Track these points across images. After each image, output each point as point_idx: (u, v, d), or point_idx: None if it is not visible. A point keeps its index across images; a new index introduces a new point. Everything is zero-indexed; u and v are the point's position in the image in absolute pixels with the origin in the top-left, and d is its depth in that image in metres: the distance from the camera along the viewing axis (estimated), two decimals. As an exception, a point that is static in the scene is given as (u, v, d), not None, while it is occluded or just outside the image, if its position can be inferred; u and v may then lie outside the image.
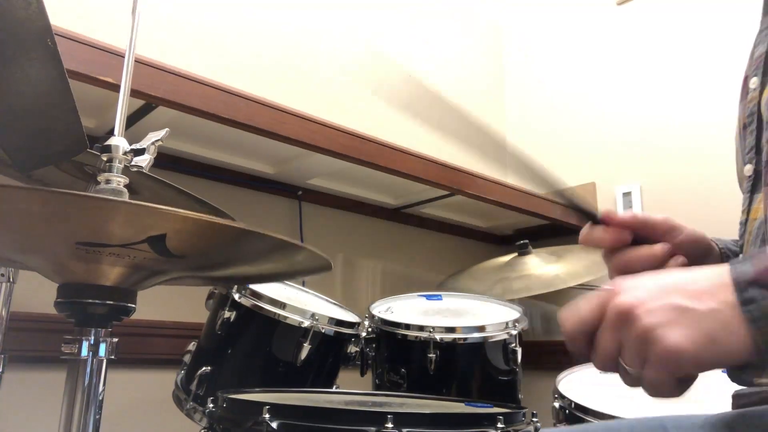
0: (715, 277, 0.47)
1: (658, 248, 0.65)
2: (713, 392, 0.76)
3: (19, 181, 0.81)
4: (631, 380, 0.48)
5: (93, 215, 0.55)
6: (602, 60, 2.32)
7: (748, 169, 0.67)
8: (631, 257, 0.66)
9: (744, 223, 0.68)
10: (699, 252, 0.71)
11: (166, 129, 0.72)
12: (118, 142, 0.69)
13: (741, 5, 1.92)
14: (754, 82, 0.67)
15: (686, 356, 0.44)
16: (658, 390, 0.47)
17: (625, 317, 0.47)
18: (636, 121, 2.16)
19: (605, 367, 0.50)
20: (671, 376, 0.46)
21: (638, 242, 0.67)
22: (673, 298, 0.46)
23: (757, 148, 0.65)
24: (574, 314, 0.51)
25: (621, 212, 0.70)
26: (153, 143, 0.71)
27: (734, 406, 0.66)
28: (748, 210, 0.67)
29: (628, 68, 2.22)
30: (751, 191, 0.67)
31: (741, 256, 0.68)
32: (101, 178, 0.68)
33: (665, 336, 0.44)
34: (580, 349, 0.51)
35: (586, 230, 0.68)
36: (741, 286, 0.45)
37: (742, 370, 0.52)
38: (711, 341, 0.44)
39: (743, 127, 0.69)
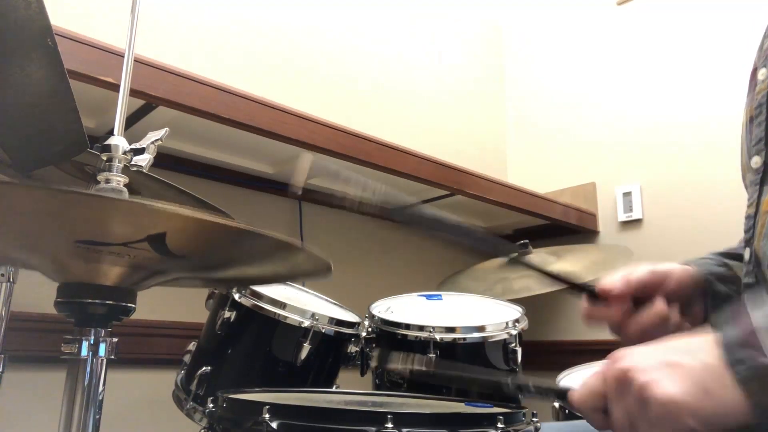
0: (705, 338, 0.48)
1: (660, 307, 0.68)
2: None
3: (19, 180, 0.81)
4: None
5: (93, 213, 0.55)
6: (602, 60, 2.32)
7: (756, 161, 0.66)
8: (644, 326, 0.68)
9: (753, 216, 0.67)
10: (688, 291, 0.74)
11: (166, 128, 0.72)
12: (118, 141, 0.69)
13: (741, 5, 1.92)
14: (762, 73, 0.67)
15: (681, 407, 0.44)
16: None
17: (623, 382, 0.48)
18: (636, 121, 2.16)
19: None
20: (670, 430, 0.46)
21: (636, 302, 0.70)
22: (664, 356, 0.48)
23: (766, 139, 0.64)
24: (582, 392, 0.53)
25: (611, 281, 0.72)
26: (153, 143, 0.71)
27: None
28: (757, 203, 0.66)
29: (628, 68, 2.22)
30: (760, 183, 0.66)
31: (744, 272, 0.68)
32: (101, 177, 0.68)
33: (657, 390, 0.45)
34: (600, 424, 0.52)
35: (587, 308, 0.71)
36: (730, 348, 0.46)
37: None
38: (704, 392, 0.45)
39: (750, 120, 0.68)
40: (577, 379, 1.22)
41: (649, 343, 0.51)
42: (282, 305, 1.08)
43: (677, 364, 0.46)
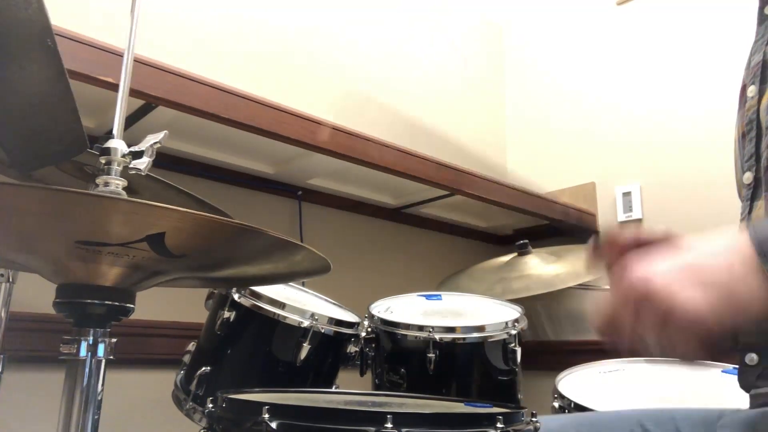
0: (729, 237, 0.47)
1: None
2: (722, 398, 0.76)
3: (19, 180, 0.81)
4: (658, 349, 0.48)
5: (91, 213, 0.55)
6: (602, 60, 2.32)
7: (748, 176, 0.67)
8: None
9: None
10: None
11: (165, 131, 0.72)
12: (117, 144, 0.69)
13: (740, 5, 1.92)
14: (752, 90, 0.67)
15: (708, 316, 0.44)
16: (678, 351, 0.46)
17: (643, 289, 0.47)
18: (636, 120, 2.16)
19: (633, 345, 0.49)
20: (695, 338, 0.45)
21: None
22: (686, 258, 0.46)
23: (757, 155, 0.65)
24: (601, 312, 0.51)
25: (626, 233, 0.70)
26: (152, 146, 0.71)
27: (752, 405, 0.66)
28: (748, 218, 0.67)
29: (628, 68, 2.22)
30: (750, 199, 0.67)
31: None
32: (100, 180, 0.68)
33: (683, 302, 0.44)
34: (612, 338, 0.51)
35: (590, 251, 0.69)
36: (760, 241, 0.45)
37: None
38: (729, 295, 0.44)
39: (742, 136, 0.69)
40: (577, 379, 1.22)
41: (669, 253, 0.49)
42: (281, 305, 1.08)
43: (701, 267, 0.45)
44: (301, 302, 1.15)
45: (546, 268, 1.65)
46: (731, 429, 0.60)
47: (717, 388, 1.07)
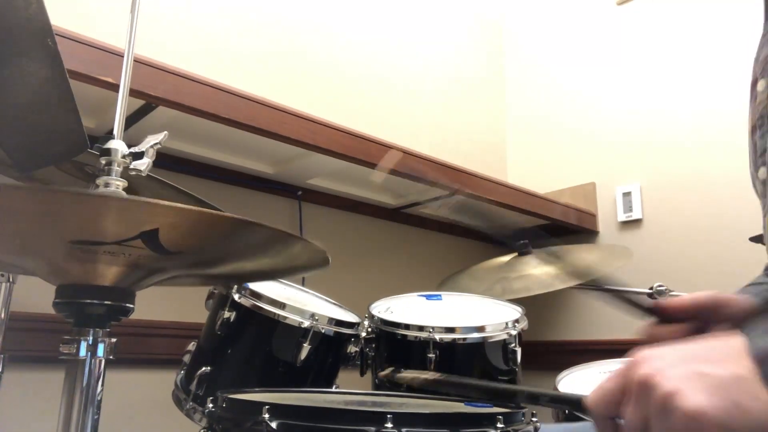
0: (734, 344, 0.46)
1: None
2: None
3: (13, 180, 0.81)
4: None
5: (84, 212, 0.55)
6: (602, 60, 2.32)
7: (763, 172, 0.66)
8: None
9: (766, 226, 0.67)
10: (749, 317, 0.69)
11: (165, 132, 0.72)
12: (117, 145, 0.69)
13: (740, 5, 1.92)
14: (761, 84, 0.67)
15: (710, 420, 0.42)
16: None
17: (645, 386, 0.45)
18: (636, 121, 2.16)
19: None
20: None
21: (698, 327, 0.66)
22: (693, 365, 0.45)
23: None
24: (598, 394, 0.50)
25: (672, 300, 0.68)
26: (152, 146, 0.71)
27: None
28: None
29: (628, 68, 2.22)
30: (767, 195, 0.66)
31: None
32: (100, 181, 0.68)
33: (685, 400, 0.42)
34: (604, 428, 0.50)
35: (648, 328, 0.67)
36: (761, 359, 0.44)
37: None
38: (735, 406, 0.42)
39: (753, 130, 0.68)
40: (577, 379, 1.22)
41: (672, 344, 0.48)
42: (282, 305, 1.08)
43: (707, 375, 0.44)
44: (301, 302, 1.15)
45: (546, 268, 1.65)
46: None
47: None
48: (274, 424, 0.70)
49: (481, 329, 1.16)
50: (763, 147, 0.66)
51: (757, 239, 1.04)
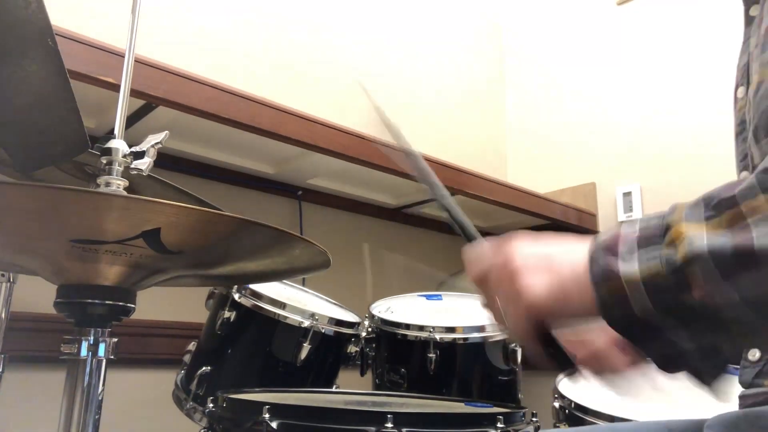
0: (584, 241, 0.52)
1: None
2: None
3: (15, 179, 0.81)
4: (501, 321, 0.53)
5: (86, 211, 0.55)
6: (602, 60, 2.32)
7: (744, 176, 0.67)
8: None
9: None
10: None
11: (166, 132, 0.72)
12: (118, 144, 0.69)
13: (740, 5, 1.92)
14: (741, 91, 0.69)
15: (542, 306, 0.49)
16: (514, 328, 0.51)
17: (503, 265, 0.53)
18: (636, 121, 2.16)
19: (491, 310, 0.55)
20: (528, 322, 0.50)
21: None
22: (545, 252, 0.53)
23: (752, 155, 0.66)
24: (474, 250, 0.60)
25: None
26: (152, 146, 0.71)
27: (741, 406, 0.66)
28: None
29: (628, 68, 2.22)
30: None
31: None
32: (101, 180, 0.68)
33: (525, 285, 0.49)
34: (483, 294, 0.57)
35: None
36: (593, 250, 0.49)
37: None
38: (564, 295, 0.48)
39: (736, 136, 0.70)
40: (577, 378, 1.22)
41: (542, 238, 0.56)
42: (282, 305, 1.08)
43: (551, 265, 0.50)
44: (301, 302, 1.15)
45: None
46: (716, 428, 0.61)
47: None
48: (274, 424, 0.70)
49: (481, 329, 1.16)
50: (744, 152, 0.67)
51: None
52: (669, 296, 0.44)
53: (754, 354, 0.62)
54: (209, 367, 1.07)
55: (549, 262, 0.51)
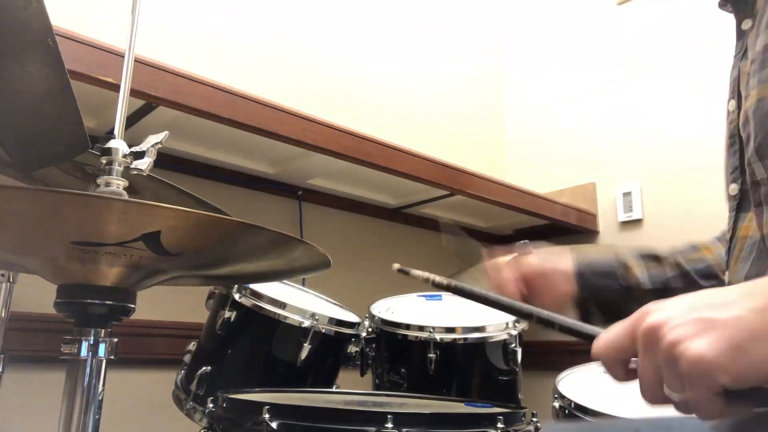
0: (748, 287, 0.47)
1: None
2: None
3: (15, 182, 0.81)
4: (682, 408, 0.47)
5: (86, 213, 0.55)
6: (602, 60, 2.32)
7: (733, 188, 0.68)
8: None
9: (729, 241, 0.69)
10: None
11: (166, 132, 0.72)
12: (118, 144, 0.69)
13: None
14: (732, 104, 0.69)
15: (712, 365, 0.43)
16: (703, 410, 0.45)
17: (654, 337, 0.46)
18: (636, 120, 2.16)
19: (653, 397, 0.49)
20: (709, 392, 0.44)
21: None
22: (697, 313, 0.46)
23: (741, 168, 0.66)
24: (607, 341, 0.50)
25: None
26: (153, 146, 0.71)
27: None
28: (734, 228, 0.68)
29: (628, 68, 2.22)
30: (736, 210, 0.68)
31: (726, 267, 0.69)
32: (101, 181, 0.68)
33: (688, 348, 0.44)
34: (617, 373, 0.51)
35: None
36: None
37: None
38: (737, 349, 0.43)
39: (727, 147, 0.70)
40: (577, 379, 1.22)
41: (684, 296, 0.49)
42: (282, 305, 1.08)
43: (710, 320, 0.45)
44: (301, 302, 1.15)
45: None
46: (721, 429, 0.61)
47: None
48: (274, 424, 0.70)
49: (481, 329, 1.16)
50: (734, 165, 0.68)
51: None
52: None
53: None
54: (209, 367, 1.07)
55: (705, 322, 0.45)
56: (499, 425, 0.74)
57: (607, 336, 0.51)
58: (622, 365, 0.50)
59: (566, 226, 2.11)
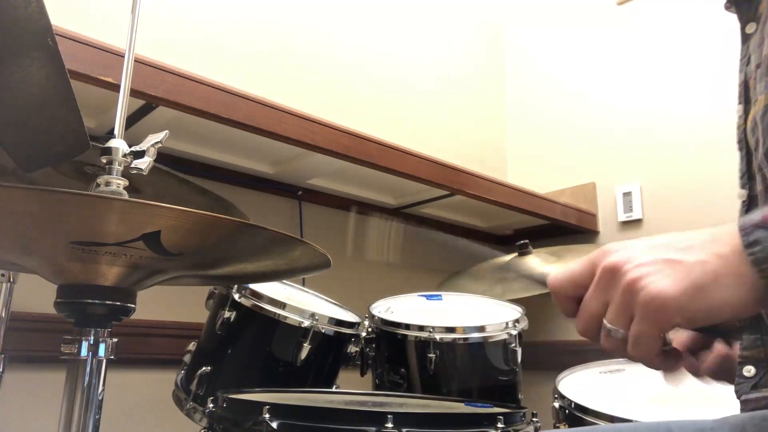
0: (709, 232, 0.47)
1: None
2: (721, 400, 0.76)
3: (15, 182, 0.81)
4: (614, 343, 0.48)
5: (86, 213, 0.55)
6: (602, 60, 2.32)
7: (742, 193, 0.68)
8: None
9: None
10: None
11: (166, 131, 0.72)
12: (118, 144, 0.69)
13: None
14: (739, 109, 0.69)
15: (671, 302, 0.44)
16: (641, 348, 0.46)
17: (613, 273, 0.47)
18: (636, 120, 2.16)
19: (588, 329, 0.50)
20: (657, 331, 0.45)
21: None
22: (662, 253, 0.47)
23: (749, 174, 0.66)
24: (564, 272, 0.51)
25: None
26: (153, 145, 0.71)
27: (743, 410, 0.66)
28: None
29: (628, 68, 2.22)
30: (745, 215, 0.68)
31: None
32: (101, 180, 0.68)
33: (650, 283, 0.45)
34: (566, 307, 0.52)
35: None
36: (747, 230, 0.45)
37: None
38: (698, 290, 0.44)
39: (738, 151, 0.70)
40: (577, 379, 1.22)
41: (645, 238, 0.50)
42: (282, 305, 1.08)
43: (674, 261, 0.46)
44: (301, 302, 1.15)
45: (546, 268, 1.65)
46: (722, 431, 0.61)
47: (715, 389, 1.07)
48: (274, 424, 0.70)
49: (481, 329, 1.16)
50: (743, 170, 0.68)
51: None
52: None
53: (750, 370, 0.61)
54: (209, 367, 1.07)
55: (669, 263, 0.46)
56: (499, 425, 0.74)
57: (565, 271, 0.51)
58: (575, 301, 0.51)
59: (566, 226, 2.11)
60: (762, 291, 0.43)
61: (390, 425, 0.68)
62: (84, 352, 0.64)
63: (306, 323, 1.08)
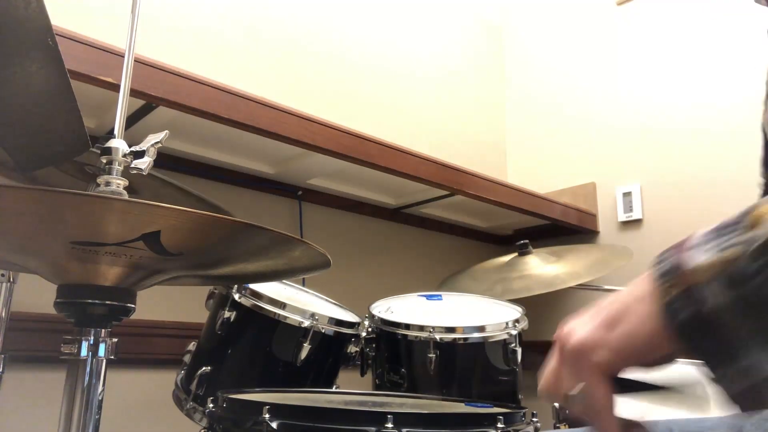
0: (632, 283, 0.48)
1: None
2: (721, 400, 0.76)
3: (15, 182, 0.81)
4: (578, 407, 0.48)
5: (86, 214, 0.55)
6: (602, 60, 2.32)
7: (760, 181, 0.69)
8: None
9: None
10: None
11: (166, 131, 0.72)
12: (118, 144, 0.69)
13: (741, 5, 1.92)
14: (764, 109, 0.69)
15: (588, 340, 0.45)
16: (594, 402, 0.46)
17: (560, 344, 0.48)
18: (636, 120, 2.16)
19: (564, 403, 0.49)
20: (595, 376, 0.45)
21: None
22: (591, 313, 0.48)
23: (766, 162, 0.67)
24: (544, 377, 0.51)
25: None
26: (152, 145, 0.71)
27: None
28: None
29: (628, 68, 2.23)
30: None
31: None
32: (101, 180, 0.68)
33: (572, 336, 0.46)
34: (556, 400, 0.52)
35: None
36: (659, 256, 0.46)
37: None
38: (610, 322, 0.45)
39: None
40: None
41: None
42: (282, 305, 1.08)
43: (595, 312, 0.47)
44: (301, 302, 1.15)
45: (546, 268, 1.65)
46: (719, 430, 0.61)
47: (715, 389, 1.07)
48: (274, 424, 0.70)
49: (481, 329, 1.16)
50: (763, 159, 0.68)
51: None
52: (751, 285, 0.38)
53: None
54: (209, 367, 1.07)
55: (593, 314, 0.47)
56: (499, 425, 0.74)
57: (544, 373, 0.51)
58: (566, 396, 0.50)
59: (566, 226, 2.11)
60: (666, 312, 0.42)
61: (390, 425, 0.68)
62: (84, 352, 0.64)
63: (306, 323, 1.07)
